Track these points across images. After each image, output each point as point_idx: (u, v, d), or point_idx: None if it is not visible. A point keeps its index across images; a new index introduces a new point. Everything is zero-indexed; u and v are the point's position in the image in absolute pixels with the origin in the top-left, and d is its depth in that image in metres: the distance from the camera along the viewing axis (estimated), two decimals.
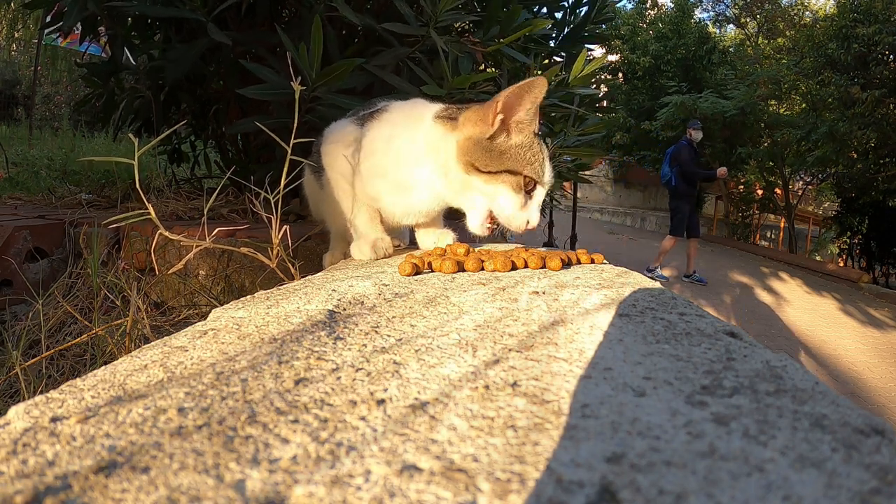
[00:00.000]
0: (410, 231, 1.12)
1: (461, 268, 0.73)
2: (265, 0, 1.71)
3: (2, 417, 0.30)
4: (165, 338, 0.45)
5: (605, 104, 3.23)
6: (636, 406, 0.30)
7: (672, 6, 11.99)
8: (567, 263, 0.79)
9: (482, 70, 1.73)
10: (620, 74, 11.87)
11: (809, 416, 0.29)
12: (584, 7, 2.17)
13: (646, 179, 12.65)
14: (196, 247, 0.85)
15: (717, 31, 12.75)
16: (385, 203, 0.91)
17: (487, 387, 0.33)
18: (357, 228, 0.94)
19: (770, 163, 9.31)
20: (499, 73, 1.72)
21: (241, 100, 1.83)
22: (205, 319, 0.52)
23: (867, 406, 2.81)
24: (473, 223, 0.84)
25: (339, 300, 0.55)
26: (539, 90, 0.78)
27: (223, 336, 0.45)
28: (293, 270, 0.93)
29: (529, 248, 0.83)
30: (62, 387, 0.34)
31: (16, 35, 7.43)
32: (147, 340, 0.89)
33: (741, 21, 11.98)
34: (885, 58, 7.38)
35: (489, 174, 0.80)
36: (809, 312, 4.86)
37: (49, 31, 1.93)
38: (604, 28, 2.45)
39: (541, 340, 0.42)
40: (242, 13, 1.74)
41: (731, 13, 12.05)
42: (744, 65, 9.76)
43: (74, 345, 0.94)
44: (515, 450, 0.26)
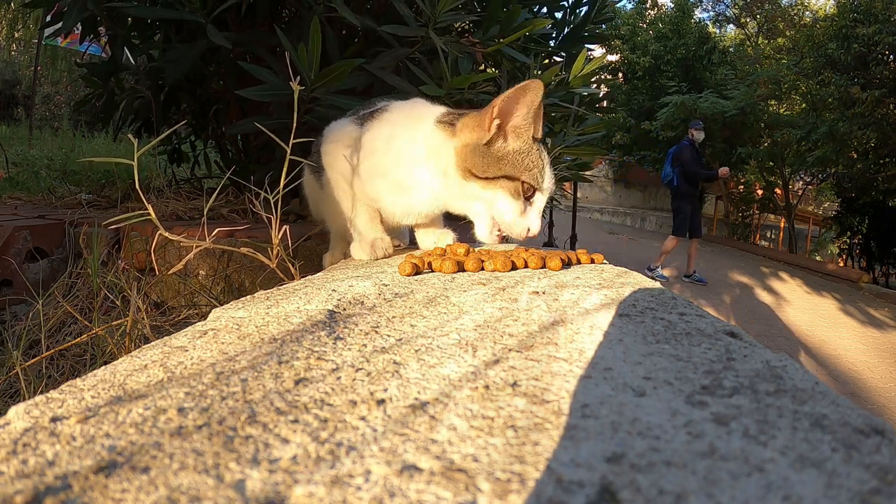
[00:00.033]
0: (410, 231, 1.12)
1: (461, 268, 0.73)
2: (265, 1, 1.71)
3: (2, 417, 0.30)
4: (165, 338, 0.45)
5: (606, 104, 3.23)
6: (636, 406, 0.30)
7: (672, 6, 11.99)
8: (567, 263, 0.79)
9: (482, 70, 1.73)
10: (620, 74, 11.87)
11: (809, 416, 0.29)
12: (584, 7, 2.17)
13: (646, 179, 12.65)
14: (196, 247, 0.85)
15: (717, 31, 12.76)
16: (385, 203, 0.90)
17: (487, 387, 0.33)
18: (357, 228, 0.94)
19: (770, 163, 9.31)
20: (498, 74, 1.72)
21: (241, 100, 1.83)
22: (205, 319, 0.52)
23: (867, 406, 2.81)
24: (482, 233, 0.84)
25: (339, 300, 0.55)
26: (534, 94, 0.77)
27: (223, 336, 0.45)
28: (293, 270, 0.93)
29: (529, 248, 0.83)
30: (62, 387, 0.34)
31: (16, 35, 7.43)
32: (147, 340, 0.89)
33: (741, 21, 11.98)
34: (885, 58, 7.38)
35: (487, 180, 0.80)
36: (809, 312, 4.86)
37: (49, 35, 1.93)
38: (604, 28, 2.45)
39: (541, 340, 0.42)
40: (242, 14, 1.74)
41: (731, 13, 12.05)
42: (744, 65, 9.76)
43: (74, 345, 0.94)
44: (515, 450, 0.26)
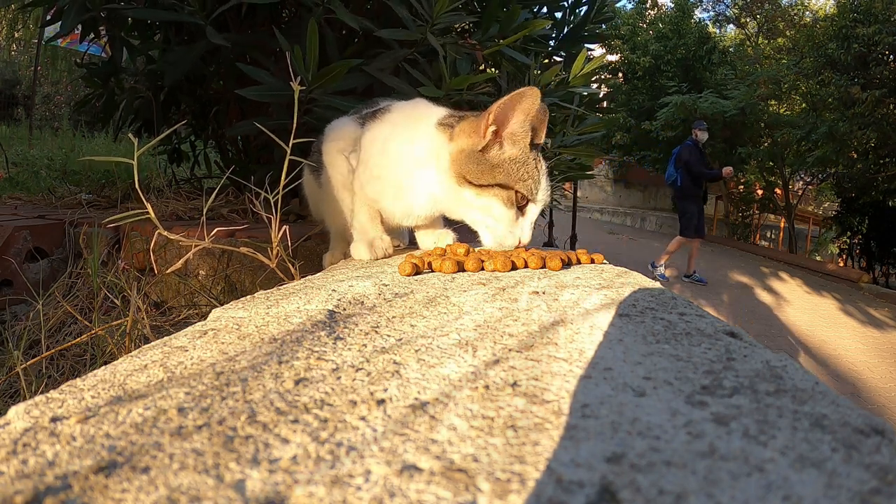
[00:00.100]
0: (410, 231, 1.12)
1: (461, 268, 0.73)
2: (265, 2, 1.71)
3: (2, 417, 0.30)
4: (165, 338, 0.45)
5: (606, 104, 3.23)
6: (636, 406, 0.30)
7: (672, 6, 11.99)
8: (567, 263, 0.79)
9: (482, 70, 1.73)
10: (620, 74, 11.87)
11: (809, 416, 0.29)
12: (584, 7, 2.17)
13: (646, 179, 12.65)
14: (195, 246, 0.85)
15: (717, 31, 12.75)
16: (385, 203, 0.90)
17: (487, 387, 0.33)
18: (357, 228, 0.94)
19: (770, 163, 9.31)
20: (498, 74, 1.72)
21: (241, 100, 1.83)
22: (205, 319, 0.52)
23: (867, 406, 2.81)
24: (487, 242, 0.83)
25: (339, 300, 0.55)
26: (531, 101, 0.76)
27: (223, 336, 0.45)
28: (293, 270, 0.93)
29: (529, 249, 0.83)
30: (62, 387, 0.34)
31: (16, 35, 7.43)
32: (147, 340, 0.89)
33: (741, 21, 11.98)
34: (885, 58, 7.38)
35: (480, 187, 0.79)
36: (809, 312, 4.86)
37: (49, 40, 1.93)
38: (603, 28, 2.45)
39: (541, 340, 0.42)
40: (242, 15, 1.74)
41: (731, 13, 12.05)
42: (744, 65, 9.76)
43: (74, 345, 0.94)
44: (515, 450, 0.26)
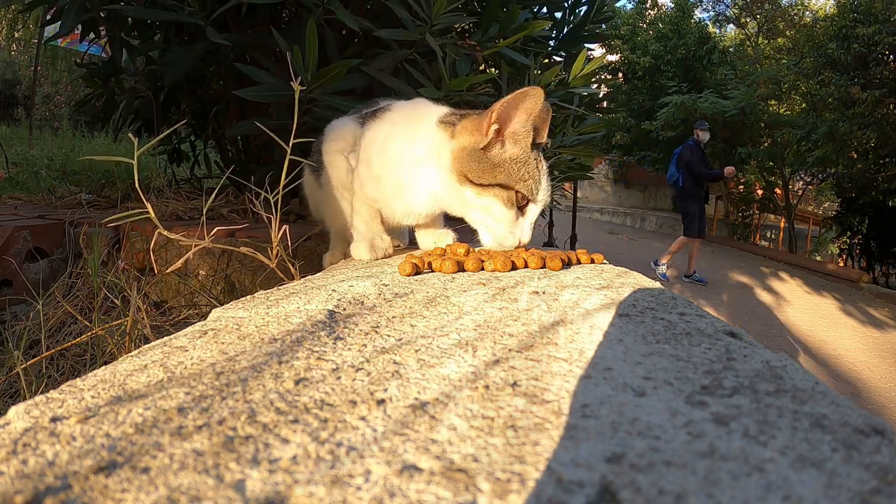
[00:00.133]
0: (410, 231, 1.12)
1: (461, 268, 0.73)
2: (264, 2, 1.71)
3: (2, 417, 0.30)
4: (165, 338, 0.45)
5: (606, 104, 3.23)
6: (636, 406, 0.30)
7: (672, 6, 11.99)
8: (567, 263, 0.79)
9: (482, 71, 1.73)
10: (620, 74, 11.87)
11: (809, 416, 0.29)
12: (584, 7, 2.17)
13: (646, 179, 12.65)
14: (195, 246, 0.85)
15: (717, 31, 12.75)
16: (385, 203, 0.90)
17: (487, 387, 0.33)
18: (357, 228, 0.94)
19: (770, 163, 9.31)
20: (497, 75, 1.72)
21: (241, 100, 1.83)
22: (205, 319, 0.52)
23: (867, 406, 2.81)
24: (487, 242, 0.83)
25: (339, 300, 0.55)
26: (534, 101, 0.76)
27: (223, 336, 0.45)
28: (293, 270, 0.93)
29: (529, 249, 0.83)
30: (62, 387, 0.34)
31: (16, 35, 7.43)
32: (147, 340, 0.89)
33: (741, 21, 11.98)
34: (885, 58, 7.38)
35: (481, 187, 0.79)
36: (809, 312, 4.86)
37: (49, 40, 1.93)
38: (603, 28, 2.45)
39: (541, 340, 0.42)
40: (242, 15, 1.74)
41: (731, 13, 12.05)
42: (744, 65, 9.76)
43: (74, 345, 0.94)
44: (515, 450, 0.26)
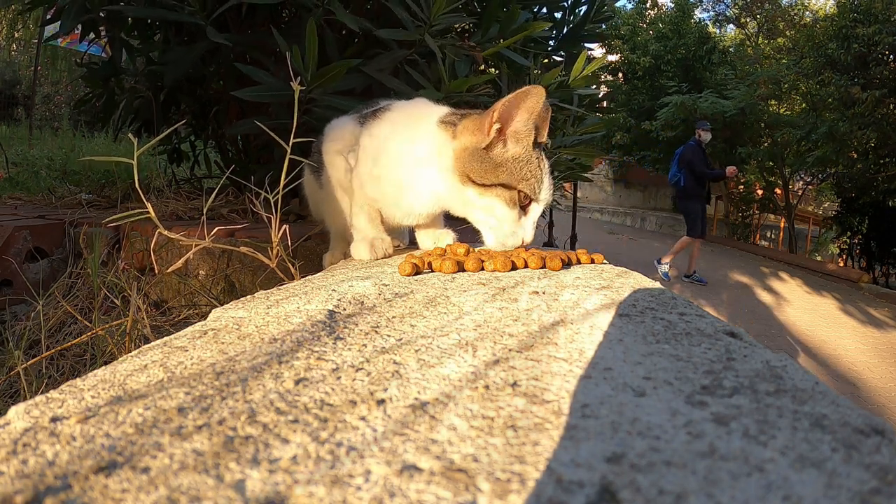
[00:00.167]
0: (410, 231, 1.12)
1: (461, 268, 0.73)
2: (265, 2, 1.71)
3: (2, 417, 0.30)
4: (165, 338, 0.45)
5: (605, 104, 3.23)
6: (636, 406, 0.30)
7: (672, 6, 11.98)
8: (567, 263, 0.79)
9: (482, 71, 1.73)
10: (620, 74, 11.87)
11: (809, 416, 0.29)
12: (583, 6, 2.17)
13: (646, 179, 12.65)
14: (196, 246, 0.85)
15: (717, 31, 12.75)
16: (385, 203, 0.90)
17: (487, 387, 0.33)
18: (357, 228, 0.94)
19: (770, 163, 9.30)
20: (497, 76, 1.72)
21: (241, 100, 1.83)
22: (205, 319, 0.52)
23: (867, 406, 2.81)
24: (489, 242, 0.83)
25: (339, 300, 0.55)
26: (535, 100, 0.76)
27: (223, 336, 0.45)
28: (293, 270, 0.92)
29: (530, 248, 0.83)
30: (62, 387, 0.34)
31: (16, 35, 7.43)
32: (147, 340, 0.89)
33: (741, 21, 11.97)
34: (885, 58, 7.37)
35: (483, 187, 0.79)
36: (809, 312, 4.86)
37: (48, 40, 1.93)
38: (603, 28, 2.45)
39: (541, 340, 0.42)
40: (242, 15, 1.74)
41: (731, 13, 12.04)
42: (744, 65, 9.75)
43: (74, 345, 0.94)
44: (515, 450, 0.26)
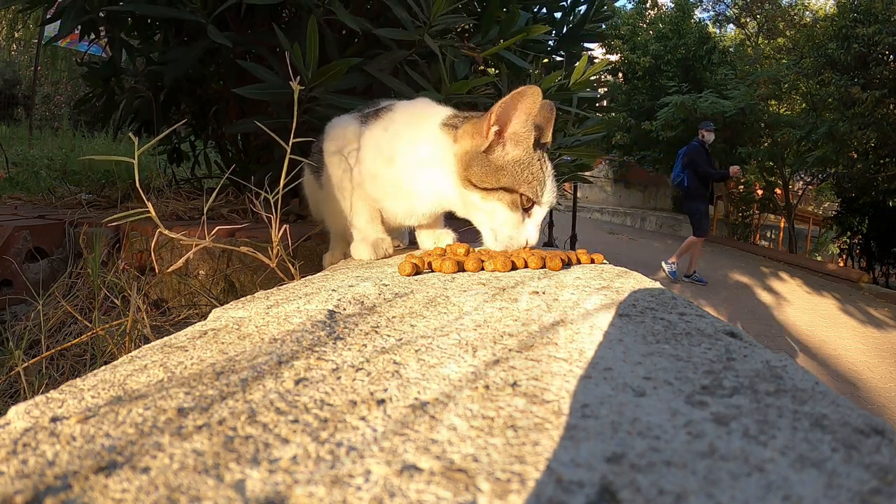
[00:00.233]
0: (410, 231, 1.12)
1: (461, 268, 0.73)
2: (265, 2, 1.72)
3: (2, 417, 0.30)
4: (165, 338, 0.45)
5: (605, 103, 3.23)
6: (636, 406, 0.30)
7: (672, 6, 11.98)
8: (567, 263, 0.79)
9: (482, 72, 1.73)
10: (620, 74, 11.87)
11: (809, 416, 0.29)
12: (583, 6, 2.17)
13: (646, 179, 12.64)
14: (196, 246, 0.85)
15: (717, 31, 12.74)
16: (386, 204, 0.90)
17: (487, 387, 0.33)
18: (357, 228, 0.94)
19: (770, 163, 9.30)
20: (497, 77, 1.72)
21: (241, 100, 1.83)
22: (205, 319, 0.52)
23: (867, 406, 2.81)
24: (489, 243, 0.84)
25: (339, 300, 0.55)
26: (532, 100, 0.76)
27: (223, 336, 0.45)
28: (293, 270, 0.92)
29: (529, 249, 0.83)
30: (62, 387, 0.34)
31: (16, 35, 7.43)
32: (147, 340, 0.89)
33: (741, 21, 11.97)
34: (885, 58, 7.37)
35: (486, 191, 0.79)
36: (809, 312, 4.86)
37: (49, 41, 1.93)
38: (603, 27, 2.45)
39: (541, 340, 0.42)
40: (242, 14, 1.74)
41: (731, 13, 12.04)
42: (744, 65, 9.75)
43: (74, 345, 0.94)
44: (515, 450, 0.26)
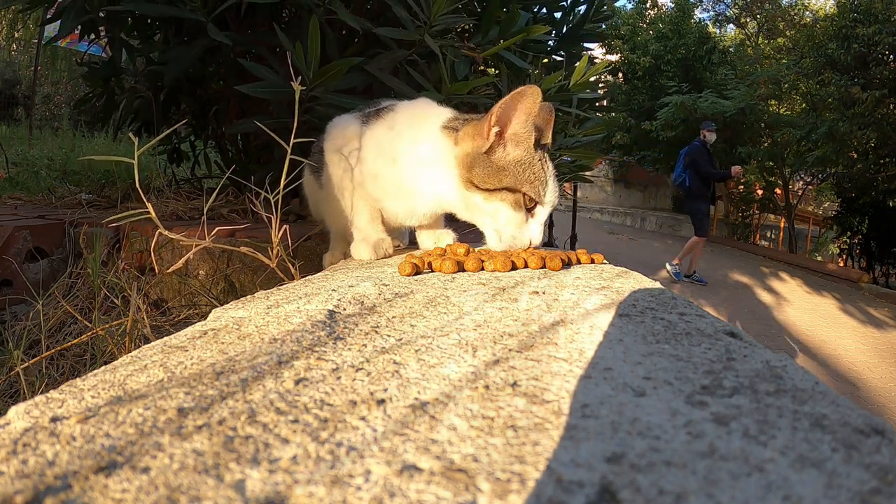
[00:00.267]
0: (410, 231, 1.12)
1: (461, 268, 0.73)
2: (265, 1, 1.72)
3: (2, 417, 0.30)
4: (165, 338, 0.45)
5: (605, 103, 3.23)
6: (636, 406, 0.30)
7: (672, 6, 11.98)
8: (567, 263, 0.79)
9: (482, 72, 1.73)
10: (620, 74, 11.87)
11: (809, 416, 0.29)
12: (583, 6, 2.17)
13: (646, 179, 12.65)
14: (196, 246, 0.85)
15: (717, 31, 12.74)
16: (387, 203, 0.90)
17: (487, 387, 0.33)
18: (358, 228, 0.94)
19: (770, 163, 9.30)
20: (497, 78, 1.72)
21: (241, 100, 1.83)
22: (205, 319, 0.52)
23: (867, 406, 2.81)
24: (493, 244, 0.84)
25: (339, 300, 0.55)
26: (531, 100, 0.76)
27: (223, 336, 0.45)
28: (293, 270, 0.92)
29: (529, 249, 0.83)
30: (62, 387, 0.34)
31: (16, 35, 7.43)
32: (147, 340, 0.88)
33: (741, 21, 11.97)
34: (885, 58, 7.37)
35: (488, 192, 0.79)
36: (809, 312, 4.86)
37: (48, 41, 1.93)
38: (603, 27, 2.45)
39: (541, 340, 0.42)
40: (242, 14, 1.74)
41: (731, 13, 12.04)
42: (744, 65, 9.75)
43: (74, 345, 0.94)
44: (515, 450, 0.26)
